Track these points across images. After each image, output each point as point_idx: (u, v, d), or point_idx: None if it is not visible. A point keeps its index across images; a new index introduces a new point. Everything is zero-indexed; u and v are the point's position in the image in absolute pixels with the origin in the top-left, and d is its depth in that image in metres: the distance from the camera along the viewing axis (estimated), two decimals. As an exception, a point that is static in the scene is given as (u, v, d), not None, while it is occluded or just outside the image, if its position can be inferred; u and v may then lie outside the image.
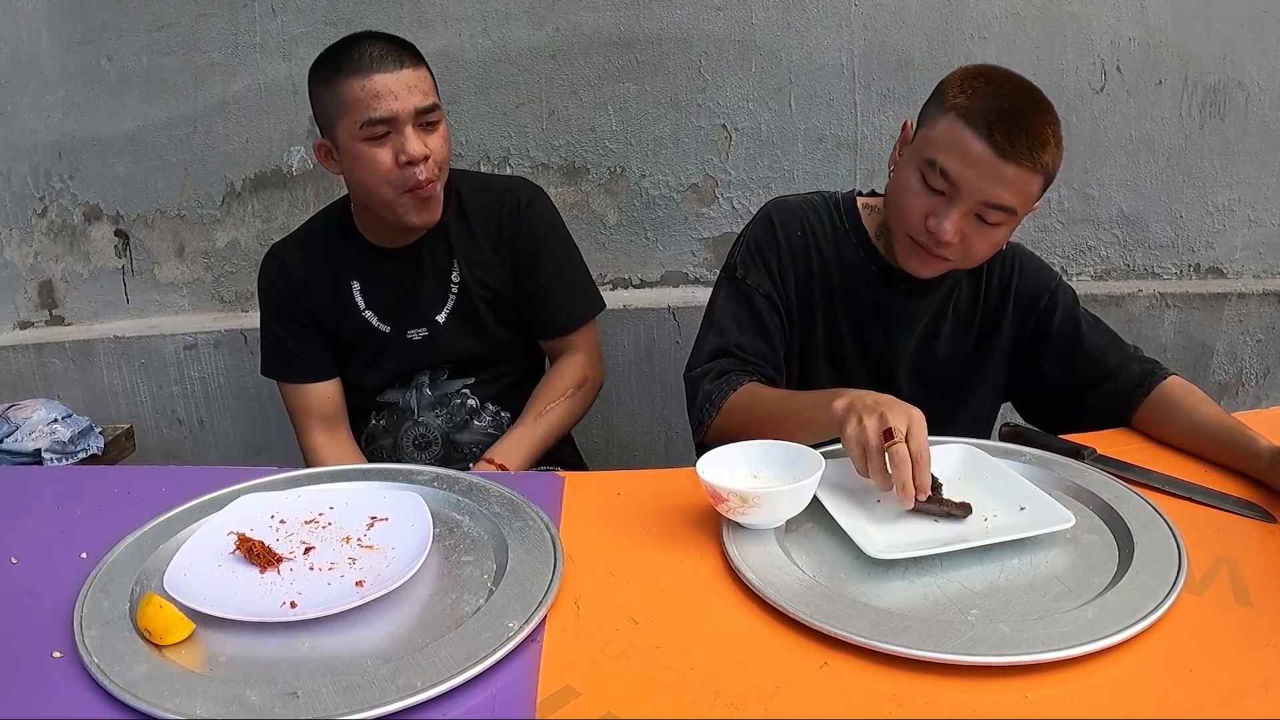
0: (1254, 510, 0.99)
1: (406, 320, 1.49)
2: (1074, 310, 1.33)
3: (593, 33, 2.01)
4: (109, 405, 2.16)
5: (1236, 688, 0.72)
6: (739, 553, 0.91)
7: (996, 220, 1.15)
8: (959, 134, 1.12)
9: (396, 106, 1.31)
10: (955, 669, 0.74)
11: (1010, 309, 1.34)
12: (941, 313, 1.34)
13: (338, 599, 0.84)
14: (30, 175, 2.12)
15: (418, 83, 1.34)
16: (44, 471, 1.59)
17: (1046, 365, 1.32)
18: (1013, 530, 0.92)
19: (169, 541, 0.96)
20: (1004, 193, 1.12)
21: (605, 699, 0.72)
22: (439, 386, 1.53)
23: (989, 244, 1.19)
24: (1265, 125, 2.06)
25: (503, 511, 1.00)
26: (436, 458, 1.54)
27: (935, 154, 1.14)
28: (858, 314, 1.33)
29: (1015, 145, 1.10)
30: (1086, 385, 1.29)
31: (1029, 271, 1.35)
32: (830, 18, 2.00)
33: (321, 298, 1.49)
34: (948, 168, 1.13)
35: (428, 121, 1.35)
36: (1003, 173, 1.11)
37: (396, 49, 1.35)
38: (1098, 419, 1.26)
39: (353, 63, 1.32)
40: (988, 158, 1.10)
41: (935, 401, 1.33)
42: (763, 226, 1.33)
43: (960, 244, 1.17)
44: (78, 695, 0.74)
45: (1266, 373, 2.17)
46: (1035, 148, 1.11)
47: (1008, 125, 1.10)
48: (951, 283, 1.33)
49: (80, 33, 2.04)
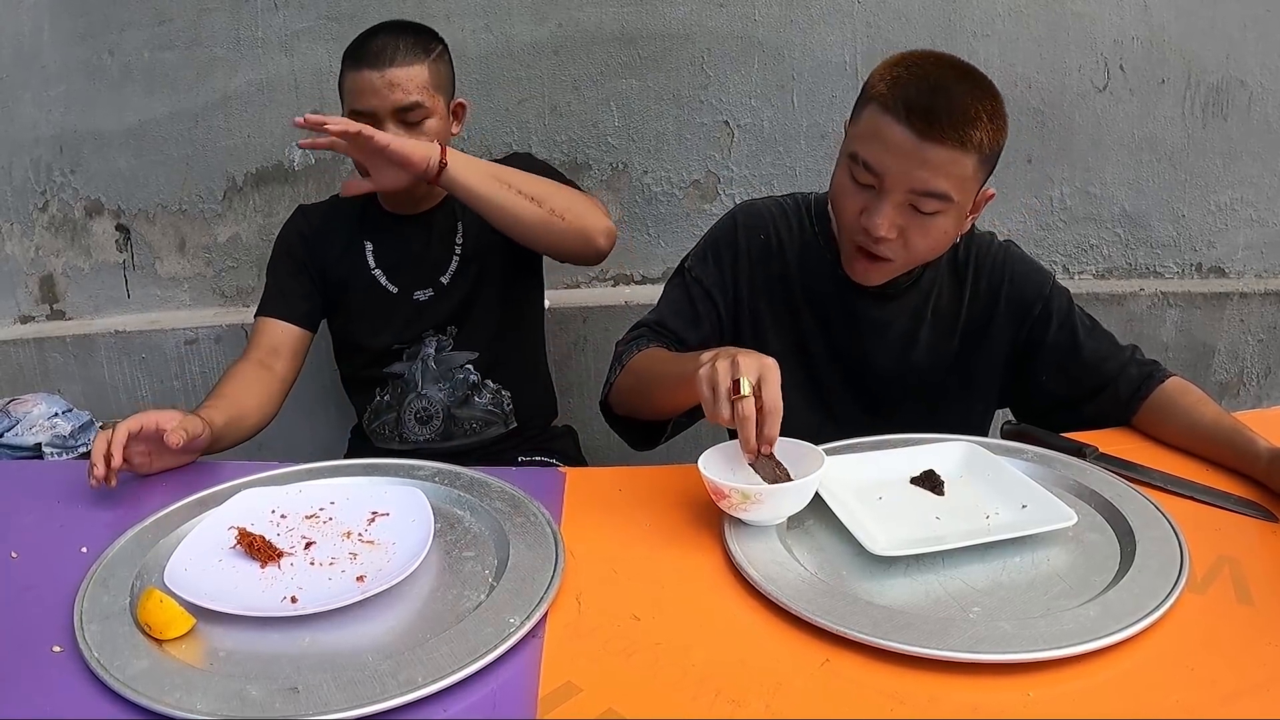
0: (1256, 509, 0.99)
1: (414, 281, 1.56)
2: (1069, 317, 1.28)
3: (595, 29, 2.01)
4: (110, 400, 2.16)
5: (1238, 687, 0.72)
6: (741, 549, 0.91)
7: (933, 209, 1.10)
8: (878, 122, 1.08)
9: (375, 103, 1.41)
10: (957, 667, 0.74)
11: (1000, 315, 1.28)
12: (918, 317, 1.29)
13: (339, 594, 0.84)
14: (31, 169, 2.12)
15: (404, 81, 1.41)
16: (44, 466, 1.59)
17: (1044, 376, 1.28)
18: (1014, 528, 0.92)
19: (169, 536, 0.96)
20: (932, 177, 1.07)
21: (606, 695, 0.72)
22: (443, 360, 1.57)
23: (930, 236, 1.13)
24: (1268, 125, 2.05)
25: (504, 507, 1.00)
26: (437, 432, 1.58)
27: (858, 148, 1.11)
28: (823, 319, 1.31)
29: (935, 125, 1.05)
30: (1086, 395, 1.26)
31: (1020, 277, 1.29)
32: (833, 14, 1.99)
33: (334, 250, 1.57)
34: (870, 159, 1.09)
35: (408, 120, 1.43)
36: (927, 156, 1.06)
37: (397, 45, 1.42)
38: (1097, 424, 1.24)
39: (355, 53, 1.44)
40: (909, 142, 1.06)
41: (920, 407, 1.33)
42: (725, 226, 1.33)
43: (899, 239, 1.13)
44: (78, 690, 0.74)
45: (1268, 372, 2.16)
46: (960, 125, 1.06)
47: (926, 105, 1.05)
48: (927, 287, 1.29)
49: (82, 27, 2.04)
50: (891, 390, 1.32)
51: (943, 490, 1.02)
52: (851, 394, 1.33)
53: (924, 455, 1.08)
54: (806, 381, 1.33)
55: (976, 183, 1.13)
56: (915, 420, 1.26)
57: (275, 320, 1.52)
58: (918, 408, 1.32)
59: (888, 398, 1.33)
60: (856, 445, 1.13)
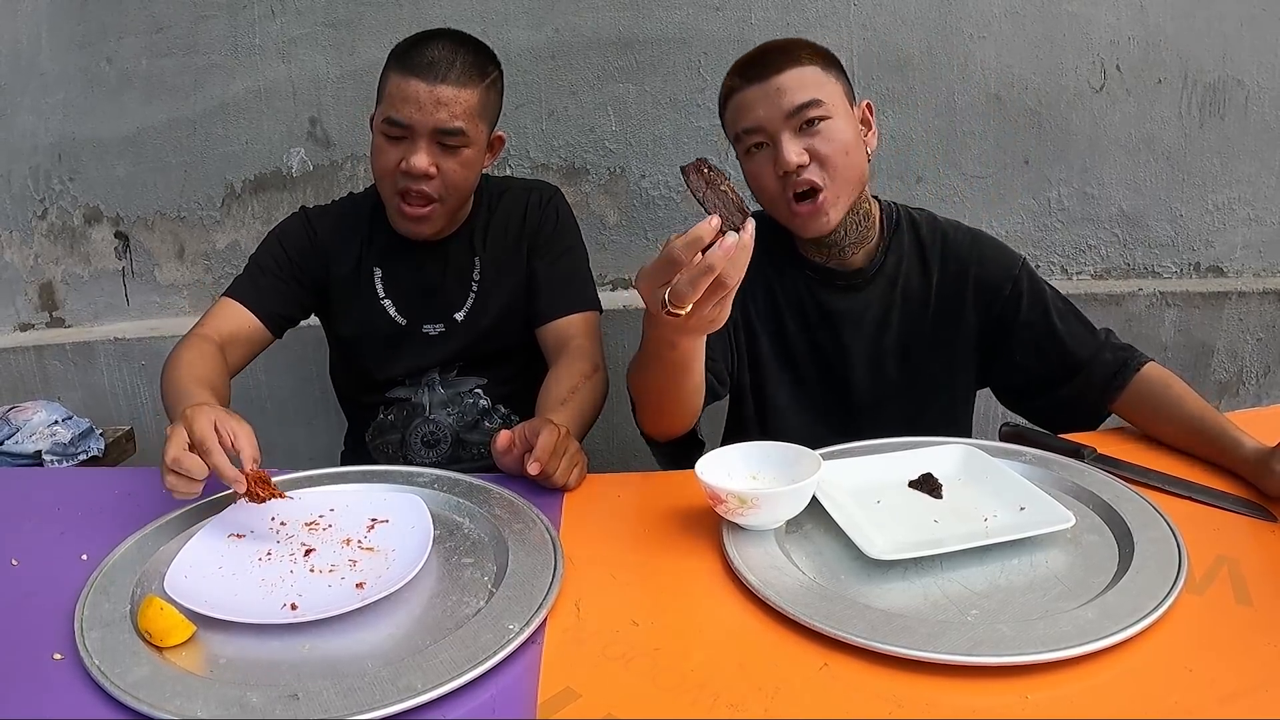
0: (1254, 509, 0.99)
1: (424, 315, 1.49)
2: (1042, 297, 1.31)
3: (592, 34, 2.01)
4: (109, 407, 2.16)
5: (1237, 687, 0.72)
6: (739, 554, 0.91)
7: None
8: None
9: (417, 117, 1.30)
10: (955, 669, 0.74)
11: (970, 296, 1.33)
12: (888, 303, 1.33)
13: (338, 601, 0.84)
14: (30, 177, 2.13)
15: (452, 102, 1.31)
16: (44, 473, 1.59)
17: (1018, 355, 1.32)
18: (1013, 530, 0.92)
19: (170, 543, 0.96)
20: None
21: (605, 701, 0.72)
22: (451, 385, 1.52)
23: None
24: (1265, 124, 2.05)
25: (503, 514, 1.00)
26: (444, 456, 1.52)
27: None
28: (803, 318, 1.34)
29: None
30: (1060, 377, 1.28)
31: (990, 259, 1.33)
32: (829, 17, 2.00)
33: (342, 274, 1.48)
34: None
35: (447, 143, 1.33)
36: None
37: (454, 60, 1.32)
38: (1076, 411, 1.27)
39: (408, 56, 1.32)
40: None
41: (900, 392, 1.35)
42: None
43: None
44: (78, 697, 0.74)
45: (1267, 371, 2.16)
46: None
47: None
48: (893, 273, 1.33)
49: (80, 35, 2.05)
50: (874, 379, 1.34)
51: (941, 493, 1.02)
52: (836, 389, 1.35)
53: (921, 458, 1.08)
54: (793, 383, 1.35)
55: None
56: (901, 409, 1.29)
57: (243, 309, 1.39)
58: (902, 396, 1.34)
59: (871, 388, 1.34)
60: (853, 449, 1.13)
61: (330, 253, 1.48)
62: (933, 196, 2.05)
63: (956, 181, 2.07)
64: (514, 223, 1.50)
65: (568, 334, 1.45)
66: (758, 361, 1.36)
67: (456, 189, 1.38)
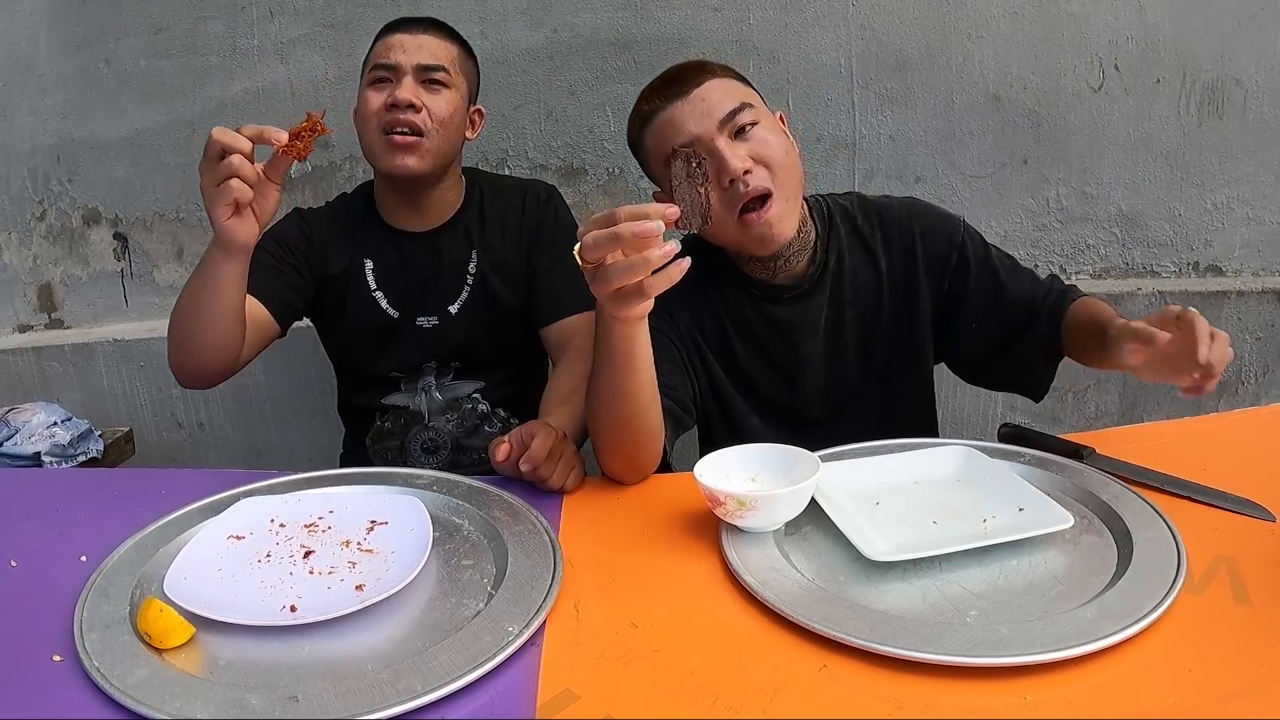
0: (1253, 509, 0.99)
1: (418, 307, 1.48)
2: (987, 260, 1.30)
3: (590, 34, 2.01)
4: (108, 408, 2.16)
5: (1236, 687, 0.72)
6: (738, 556, 0.91)
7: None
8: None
9: (401, 58, 1.38)
10: (955, 670, 0.74)
11: (922, 275, 1.30)
12: (839, 302, 1.31)
13: (338, 603, 0.84)
14: (29, 178, 2.13)
15: (431, 45, 1.41)
16: (44, 474, 1.59)
17: (973, 323, 1.30)
18: (1011, 531, 0.92)
19: (169, 545, 0.96)
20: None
21: (605, 703, 0.72)
22: (448, 389, 1.52)
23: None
24: (1264, 123, 2.06)
25: (502, 516, 1.00)
26: (444, 461, 1.52)
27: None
28: (753, 338, 1.31)
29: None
30: (1017, 331, 1.28)
31: (930, 231, 1.31)
32: (828, 17, 2.00)
33: (335, 266, 1.49)
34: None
35: (431, 79, 1.40)
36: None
37: (431, 23, 1.44)
38: (1034, 366, 1.28)
39: (389, 25, 1.44)
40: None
41: (867, 386, 1.33)
42: None
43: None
44: (77, 699, 0.74)
45: (1266, 370, 2.16)
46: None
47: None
48: (836, 269, 1.30)
49: (78, 36, 2.04)
50: (838, 381, 1.33)
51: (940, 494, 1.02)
52: (802, 398, 1.33)
53: (920, 459, 1.08)
54: (758, 402, 1.33)
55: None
56: (873, 402, 1.30)
57: (250, 298, 1.32)
58: (870, 390, 1.33)
59: (837, 390, 1.33)
60: (852, 451, 1.13)
61: (324, 249, 1.49)
62: (931, 196, 2.04)
63: (955, 181, 2.07)
64: (511, 218, 1.50)
65: (570, 334, 1.45)
66: (718, 389, 1.33)
67: (442, 125, 1.40)
